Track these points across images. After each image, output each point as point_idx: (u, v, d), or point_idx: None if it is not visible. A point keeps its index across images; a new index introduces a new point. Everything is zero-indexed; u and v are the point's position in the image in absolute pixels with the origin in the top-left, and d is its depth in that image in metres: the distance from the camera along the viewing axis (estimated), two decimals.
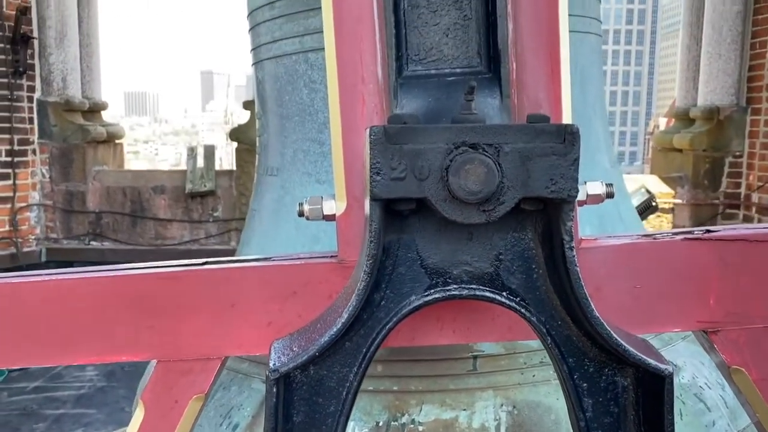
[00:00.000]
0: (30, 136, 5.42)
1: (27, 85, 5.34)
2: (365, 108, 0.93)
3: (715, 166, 5.45)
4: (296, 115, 1.35)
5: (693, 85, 5.77)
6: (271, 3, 1.35)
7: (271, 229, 1.41)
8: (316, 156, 1.33)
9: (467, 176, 0.67)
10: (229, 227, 5.60)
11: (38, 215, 5.55)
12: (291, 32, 1.33)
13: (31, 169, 5.46)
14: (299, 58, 1.33)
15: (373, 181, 0.70)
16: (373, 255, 0.71)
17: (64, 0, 5.38)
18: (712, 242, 0.94)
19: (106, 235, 5.61)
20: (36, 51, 5.37)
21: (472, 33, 0.99)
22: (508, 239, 0.76)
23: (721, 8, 5.27)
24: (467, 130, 0.70)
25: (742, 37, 5.30)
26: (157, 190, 5.59)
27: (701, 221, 5.51)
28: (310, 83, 1.32)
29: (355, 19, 0.92)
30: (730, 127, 5.37)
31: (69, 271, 0.97)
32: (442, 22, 0.99)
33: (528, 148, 0.69)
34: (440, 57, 0.99)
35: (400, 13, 0.98)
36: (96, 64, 5.90)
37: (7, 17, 5.13)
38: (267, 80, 1.42)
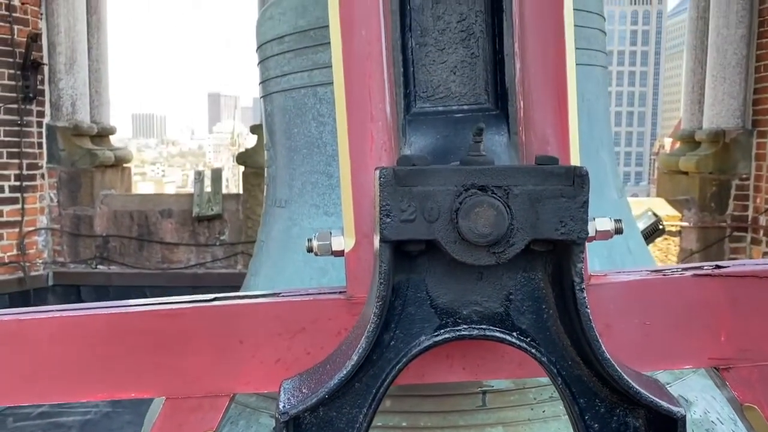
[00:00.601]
0: (39, 161, 5.46)
1: (36, 110, 5.40)
2: (374, 145, 0.94)
3: (721, 189, 5.44)
4: (304, 148, 1.36)
5: (698, 108, 5.78)
6: (280, 38, 1.36)
7: (279, 261, 1.41)
8: (324, 188, 1.33)
9: (477, 219, 0.67)
10: (235, 251, 5.60)
11: (46, 239, 5.58)
12: (300, 66, 1.34)
13: (40, 194, 5.49)
14: (308, 91, 1.34)
15: (382, 223, 0.70)
16: (383, 296, 0.71)
17: (75, 26, 5.46)
18: (722, 278, 0.93)
19: (113, 258, 5.62)
20: (46, 77, 5.44)
21: (479, 71, 1.00)
22: (518, 279, 0.76)
23: (725, 32, 5.29)
24: (476, 173, 0.70)
25: (746, 61, 5.32)
26: (164, 214, 5.61)
27: (709, 244, 5.49)
28: (318, 117, 1.33)
29: (363, 58, 0.92)
30: (736, 150, 5.37)
31: (75, 308, 0.97)
32: (450, 59, 1.00)
33: (537, 190, 0.70)
34: (448, 94, 1.00)
35: (408, 51, 1.00)
36: (105, 89, 5.96)
37: (18, 44, 5.20)
38: (276, 113, 1.43)
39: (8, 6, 5.13)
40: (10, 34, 5.15)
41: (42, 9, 5.40)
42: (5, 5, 5.12)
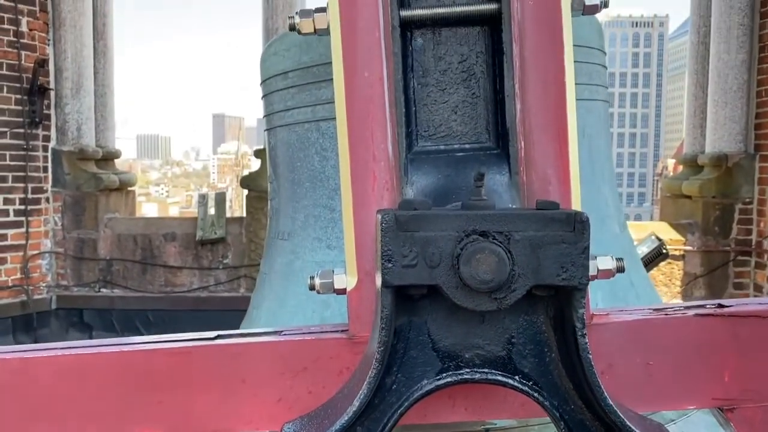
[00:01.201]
0: (44, 185, 5.49)
1: (42, 134, 5.44)
2: (376, 184, 0.94)
3: (725, 213, 5.43)
4: (307, 181, 1.37)
5: (700, 132, 5.79)
6: (285, 73, 1.38)
7: (282, 293, 1.41)
8: (326, 221, 1.34)
9: (478, 265, 0.68)
10: (238, 274, 5.60)
11: (49, 263, 5.59)
12: (303, 102, 1.36)
13: (44, 217, 5.51)
14: (311, 126, 1.35)
15: (384, 268, 0.70)
16: (385, 342, 0.71)
17: (81, 52, 5.52)
18: (725, 318, 0.93)
19: (116, 282, 5.63)
20: (52, 101, 5.49)
21: (480, 110, 1.01)
22: (520, 322, 0.76)
23: (726, 57, 5.33)
24: (477, 218, 0.71)
25: (747, 86, 5.35)
26: (168, 237, 5.62)
27: (713, 268, 5.47)
28: (321, 151, 1.34)
29: (366, 100, 0.94)
30: (739, 174, 5.37)
31: (79, 345, 0.98)
32: (451, 99, 1.01)
33: (538, 236, 0.70)
34: (449, 133, 1.01)
35: (410, 90, 1.01)
36: (110, 114, 6.01)
37: (25, 69, 5.26)
38: (279, 146, 1.45)
39: (16, 32, 5.20)
40: (17, 60, 5.21)
41: (49, 35, 5.46)
42: (13, 32, 5.19)
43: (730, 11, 5.28)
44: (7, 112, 5.21)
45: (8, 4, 5.15)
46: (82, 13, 5.49)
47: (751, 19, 5.29)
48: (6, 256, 5.29)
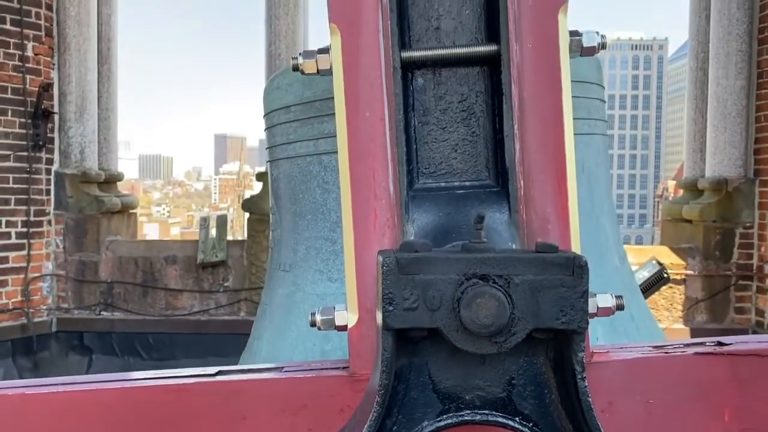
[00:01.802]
0: (46, 207, 5.51)
1: (46, 157, 5.47)
2: (377, 222, 0.95)
3: (725, 237, 5.43)
4: (309, 214, 1.38)
5: (700, 156, 5.82)
6: (287, 107, 1.40)
7: (282, 325, 1.42)
8: (328, 254, 1.35)
9: (479, 310, 0.69)
10: (239, 297, 5.60)
11: (50, 285, 5.59)
12: (305, 135, 1.37)
13: (46, 240, 5.52)
14: (313, 159, 1.37)
15: (385, 311, 0.71)
16: (385, 385, 0.71)
17: (86, 76, 5.57)
18: (725, 357, 0.94)
19: (117, 305, 5.62)
20: (56, 125, 5.53)
21: (480, 148, 1.02)
22: (520, 364, 0.77)
23: (725, 83, 5.37)
24: (478, 261, 0.72)
25: (746, 111, 5.38)
26: (169, 260, 5.62)
27: (714, 293, 5.46)
28: (323, 184, 1.36)
29: (368, 139, 0.95)
30: (739, 199, 5.39)
31: (78, 381, 0.98)
32: (451, 138, 1.02)
33: (538, 280, 0.71)
34: (450, 171, 1.03)
35: (411, 129, 1.02)
36: (113, 137, 6.05)
37: (30, 93, 5.31)
38: (281, 178, 1.46)
39: (22, 57, 5.26)
40: (22, 84, 5.26)
41: (54, 59, 5.52)
42: (19, 56, 5.25)
43: (728, 38, 5.34)
44: (11, 135, 5.25)
45: (14, 29, 5.22)
46: (87, 38, 5.56)
47: (749, 46, 5.35)
48: (7, 278, 5.29)
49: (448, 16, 1.03)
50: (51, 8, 5.48)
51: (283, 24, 5.47)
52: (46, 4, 5.43)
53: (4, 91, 5.20)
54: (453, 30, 1.03)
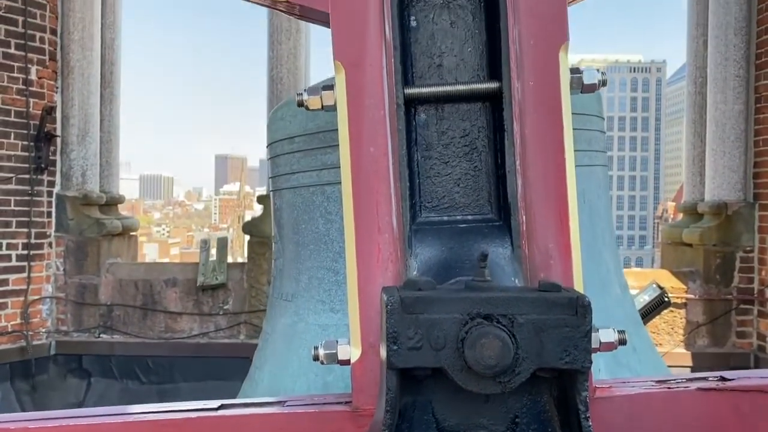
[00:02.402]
0: (47, 230, 5.51)
1: (47, 180, 5.49)
2: (380, 256, 0.96)
3: (726, 261, 5.43)
4: (312, 244, 1.39)
5: (699, 180, 5.84)
6: (291, 138, 1.41)
7: (284, 355, 1.42)
8: (330, 284, 1.35)
9: (483, 350, 0.69)
10: (238, 320, 5.58)
11: (50, 308, 5.57)
12: (309, 166, 1.38)
13: (46, 262, 5.52)
14: (316, 190, 1.38)
15: (389, 351, 0.72)
16: (390, 424, 0.72)
17: (89, 100, 5.61)
18: (727, 392, 0.94)
19: (117, 327, 5.60)
20: (58, 148, 5.55)
21: (482, 183, 1.03)
22: (524, 402, 0.77)
23: (723, 107, 5.40)
24: (482, 301, 0.72)
25: (745, 135, 5.41)
26: (169, 283, 5.61)
27: (715, 317, 5.44)
28: (326, 214, 1.36)
29: (371, 174, 0.96)
30: (739, 222, 5.39)
31: (80, 414, 0.98)
32: (454, 172, 1.04)
33: (541, 319, 0.71)
34: (452, 205, 1.03)
35: (414, 164, 1.03)
36: (115, 159, 6.08)
37: (33, 116, 5.34)
38: (284, 208, 1.47)
39: (25, 80, 5.30)
40: (25, 107, 5.30)
41: (58, 83, 5.56)
42: (23, 80, 5.29)
43: (725, 63, 5.38)
44: (13, 158, 5.27)
45: (18, 53, 5.26)
46: (90, 62, 5.60)
47: (747, 71, 5.39)
48: (7, 301, 5.28)
49: (450, 54, 1.04)
50: (55, 33, 5.53)
51: (285, 48, 5.53)
52: (51, 28, 5.48)
53: (8, 114, 5.23)
54: (455, 67, 1.04)
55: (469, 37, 1.04)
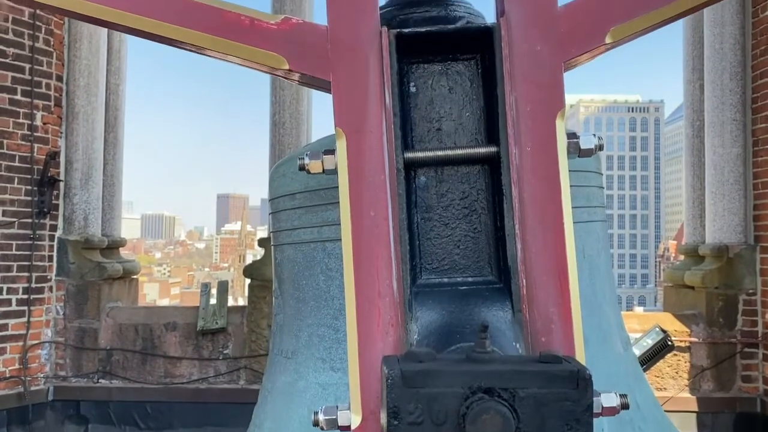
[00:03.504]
0: (48, 274, 5.51)
1: (49, 224, 5.51)
2: (381, 321, 0.96)
3: (728, 304, 5.40)
4: (312, 300, 1.39)
5: (700, 222, 5.85)
6: (292, 194, 1.43)
7: (284, 413, 1.40)
8: (330, 342, 1.35)
9: (484, 426, 0.69)
10: (238, 365, 5.52)
11: (49, 353, 5.53)
12: (310, 222, 1.39)
13: (46, 306, 5.50)
14: (317, 246, 1.38)
15: (390, 425, 0.71)
16: None
17: (92, 144, 5.67)
18: None
19: (116, 372, 5.55)
20: (61, 192, 5.58)
21: (482, 245, 1.04)
22: None
23: (721, 150, 5.45)
24: (483, 375, 0.72)
25: (744, 178, 5.44)
26: (169, 327, 5.58)
27: (719, 360, 5.39)
28: (326, 270, 1.37)
29: (372, 239, 0.97)
30: (740, 265, 5.38)
31: None
32: (454, 234, 1.04)
33: (542, 393, 0.71)
34: (453, 266, 1.04)
35: (414, 225, 1.04)
36: (117, 203, 6.10)
37: (37, 161, 5.39)
38: (285, 263, 1.47)
39: (31, 126, 5.37)
40: (30, 152, 5.35)
41: (62, 128, 5.63)
42: (28, 125, 5.35)
43: (722, 107, 5.45)
44: (16, 202, 5.30)
45: (25, 100, 5.34)
46: (95, 108, 5.68)
47: (744, 115, 5.45)
48: (6, 346, 5.24)
49: (448, 118, 1.06)
50: (61, 79, 5.62)
51: (288, 94, 5.61)
52: (57, 75, 5.58)
53: (12, 159, 5.28)
54: (454, 131, 1.06)
55: (467, 102, 1.06)
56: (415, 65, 1.07)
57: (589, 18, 0.96)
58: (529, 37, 0.96)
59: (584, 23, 0.96)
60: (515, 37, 0.97)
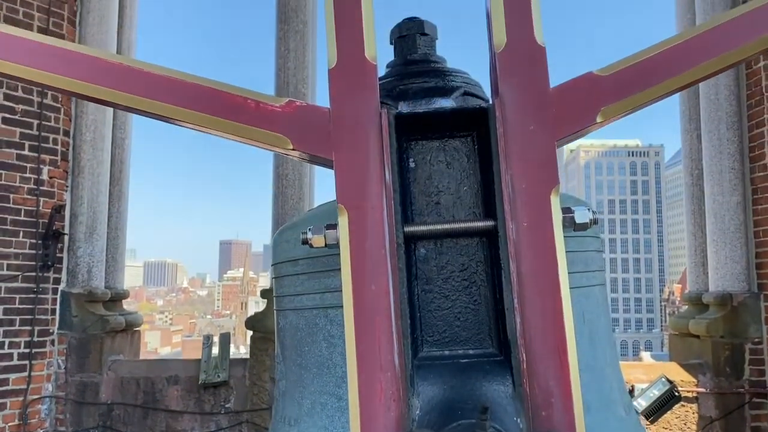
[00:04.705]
0: (50, 327, 5.50)
1: (53, 277, 5.52)
2: (383, 395, 0.97)
3: (735, 353, 5.35)
4: (315, 367, 1.39)
5: (703, 270, 5.84)
6: (295, 260, 1.45)
7: None
8: (333, 410, 1.35)
9: None
10: (240, 419, 5.45)
11: (49, 407, 5.47)
12: (312, 288, 1.41)
13: (48, 360, 5.47)
14: (319, 312, 1.40)
15: None
16: None
17: (97, 198, 5.73)
18: None
19: (116, 427, 5.47)
20: (65, 245, 5.62)
21: (482, 316, 1.06)
22: None
23: (721, 199, 5.49)
24: None
25: (744, 226, 5.46)
26: (171, 381, 5.54)
27: (728, 411, 5.31)
28: (329, 337, 1.38)
29: (373, 313, 0.99)
30: (745, 314, 5.36)
31: None
32: (454, 306, 1.06)
33: None
34: (453, 339, 1.06)
35: (415, 298, 1.07)
36: (121, 255, 6.13)
37: (42, 215, 5.44)
38: (288, 329, 1.49)
39: (37, 180, 5.44)
40: (35, 206, 5.41)
41: (68, 182, 5.70)
42: (34, 180, 5.42)
43: (720, 156, 5.51)
44: (21, 256, 5.34)
45: (32, 155, 5.43)
46: (101, 162, 5.76)
47: (741, 164, 5.51)
48: (6, 401, 5.20)
49: (447, 192, 1.10)
50: (68, 134, 5.72)
51: None
52: (64, 130, 5.68)
53: (18, 213, 5.34)
54: (452, 205, 1.09)
55: (464, 177, 1.10)
56: (414, 142, 1.11)
57: (580, 99, 1.00)
58: (522, 117, 1.00)
59: (576, 104, 1.00)
60: (509, 117, 1.00)
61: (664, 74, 1.02)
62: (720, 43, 1.04)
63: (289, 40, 5.76)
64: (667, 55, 1.04)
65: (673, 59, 1.03)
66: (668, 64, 1.03)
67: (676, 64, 1.03)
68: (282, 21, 5.82)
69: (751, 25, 1.04)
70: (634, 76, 1.01)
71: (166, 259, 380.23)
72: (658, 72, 1.02)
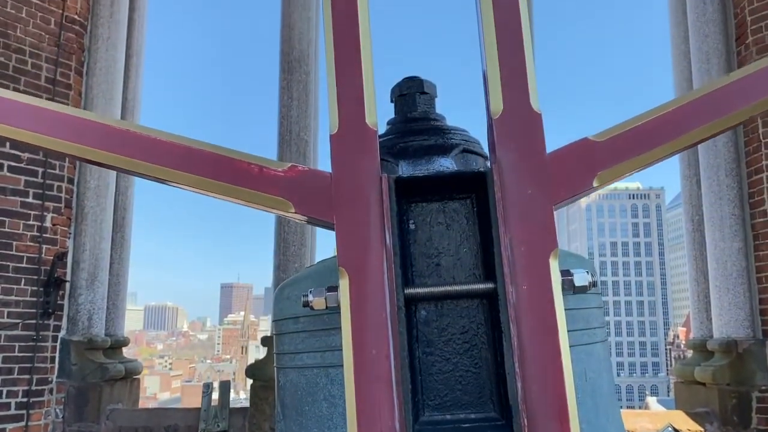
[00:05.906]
0: (49, 376, 5.44)
1: (54, 324, 5.49)
2: None
3: (742, 402, 5.27)
4: (315, 427, 1.38)
5: (706, 316, 5.80)
6: (295, 318, 1.45)
7: None
8: None
9: None
10: None
11: None
12: (313, 347, 1.41)
13: (46, 409, 5.40)
14: (320, 371, 1.39)
15: None
16: None
17: (100, 245, 5.74)
18: None
19: None
20: (66, 292, 5.61)
21: (483, 380, 1.05)
22: None
23: (722, 245, 5.48)
24: None
25: (747, 272, 5.44)
26: (170, 430, 5.45)
27: None
28: (329, 397, 1.37)
29: (374, 377, 0.99)
30: (751, 361, 5.30)
31: None
32: (456, 369, 1.06)
33: None
34: (455, 403, 1.05)
35: (416, 361, 1.06)
36: (122, 302, 6.11)
37: (44, 262, 5.45)
38: (288, 387, 1.48)
39: (40, 228, 5.46)
40: (38, 254, 5.42)
41: (71, 229, 5.72)
42: (38, 227, 5.45)
43: (720, 202, 5.53)
44: (21, 303, 5.32)
45: (36, 203, 5.47)
46: (103, 208, 5.79)
47: (741, 209, 5.52)
48: None
49: (447, 254, 1.11)
50: (72, 181, 5.77)
51: None
52: (68, 177, 5.73)
53: (20, 260, 5.34)
54: (452, 266, 1.10)
55: (464, 238, 1.11)
56: (414, 204, 1.13)
57: (576, 164, 1.02)
58: (520, 181, 1.02)
59: (572, 169, 1.02)
60: (507, 181, 1.02)
61: (659, 139, 1.05)
62: (714, 109, 1.07)
63: (292, 90, 5.86)
64: (661, 121, 1.06)
65: (668, 125, 1.05)
66: (663, 130, 1.05)
67: (671, 129, 1.06)
68: (285, 71, 5.93)
69: (745, 91, 1.07)
70: (630, 141, 1.03)
71: (167, 303, 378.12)
72: (654, 137, 1.04)
